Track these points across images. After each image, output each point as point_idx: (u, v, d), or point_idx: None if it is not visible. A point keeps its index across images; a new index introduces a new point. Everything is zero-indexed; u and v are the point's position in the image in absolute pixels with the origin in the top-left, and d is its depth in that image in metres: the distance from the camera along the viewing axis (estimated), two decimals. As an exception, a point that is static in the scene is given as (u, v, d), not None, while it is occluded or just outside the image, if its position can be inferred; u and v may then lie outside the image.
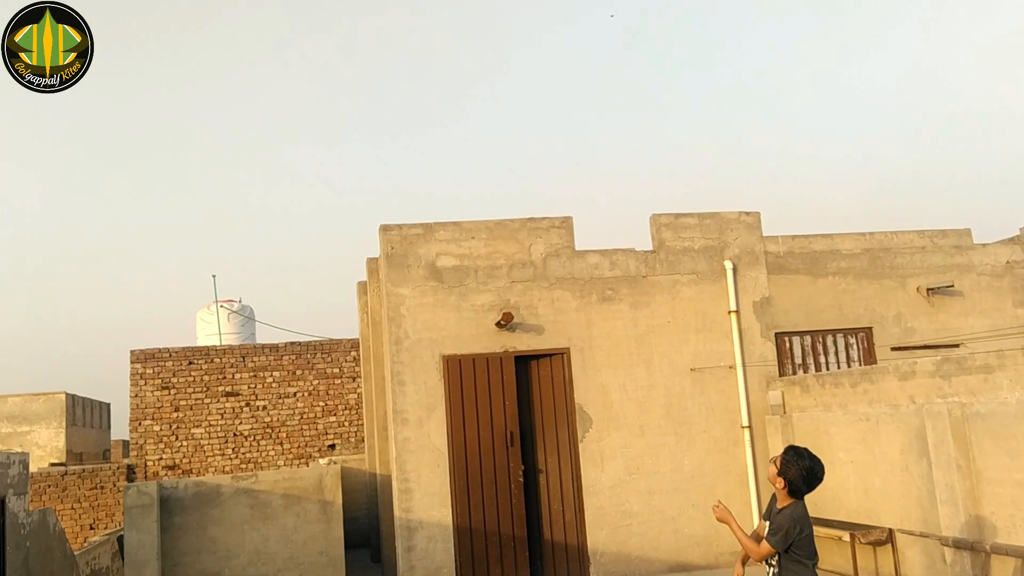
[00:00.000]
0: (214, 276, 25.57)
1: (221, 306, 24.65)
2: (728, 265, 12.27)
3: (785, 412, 11.72)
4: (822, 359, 12.49)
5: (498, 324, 11.44)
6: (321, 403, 20.81)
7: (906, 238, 13.14)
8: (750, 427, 11.88)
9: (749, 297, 12.32)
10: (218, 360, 20.43)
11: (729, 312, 12.17)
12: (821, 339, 12.55)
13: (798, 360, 12.41)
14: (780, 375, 12.14)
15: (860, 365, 12.53)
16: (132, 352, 20.06)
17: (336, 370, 21.13)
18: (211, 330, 24.22)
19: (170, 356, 20.26)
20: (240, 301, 25.55)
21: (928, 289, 12.96)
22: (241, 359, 20.57)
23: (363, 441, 18.31)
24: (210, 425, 20.11)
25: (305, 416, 20.65)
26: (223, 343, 23.06)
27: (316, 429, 20.68)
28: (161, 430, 19.87)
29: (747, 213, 12.62)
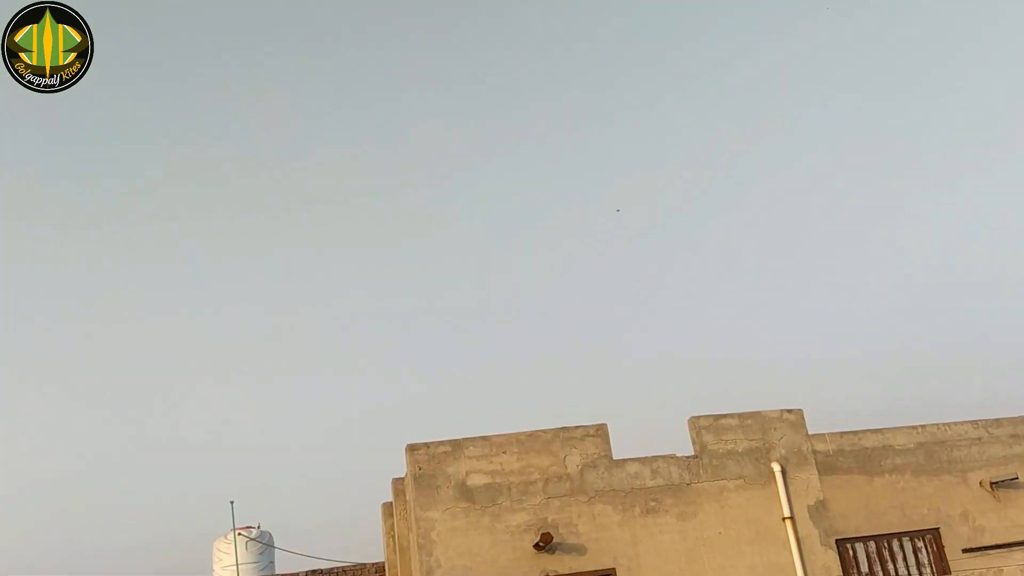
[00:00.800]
0: (232, 503, 24.63)
1: (239, 534, 23.57)
2: (776, 467, 11.57)
3: (859, 630, 10.61)
4: (890, 567, 11.49)
5: (536, 546, 10.63)
6: (344, 637, 19.36)
7: (960, 429, 12.50)
8: (822, 650, 10.73)
9: (803, 501, 11.50)
10: (235, 596, 19.21)
11: (783, 519, 11.34)
12: (886, 544, 11.60)
13: (864, 569, 11.41)
14: (847, 587, 11.12)
15: (931, 571, 11.53)
16: (145, 592, 18.93)
17: (360, 599, 19.84)
18: (228, 561, 23.00)
19: (185, 594, 19.08)
20: (259, 527, 24.43)
21: (992, 483, 12.18)
22: (259, 593, 19.34)
23: None
24: (225, 670, 18.61)
25: (327, 653, 19.15)
26: None
27: (339, 667, 19.11)
28: (173, 677, 18.38)
29: (789, 411, 12.05)
